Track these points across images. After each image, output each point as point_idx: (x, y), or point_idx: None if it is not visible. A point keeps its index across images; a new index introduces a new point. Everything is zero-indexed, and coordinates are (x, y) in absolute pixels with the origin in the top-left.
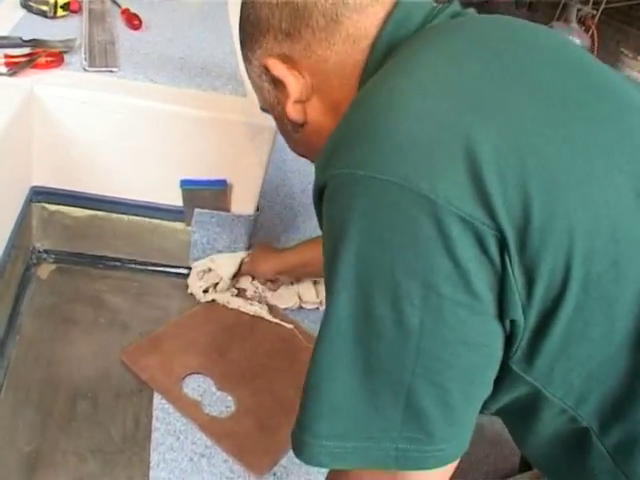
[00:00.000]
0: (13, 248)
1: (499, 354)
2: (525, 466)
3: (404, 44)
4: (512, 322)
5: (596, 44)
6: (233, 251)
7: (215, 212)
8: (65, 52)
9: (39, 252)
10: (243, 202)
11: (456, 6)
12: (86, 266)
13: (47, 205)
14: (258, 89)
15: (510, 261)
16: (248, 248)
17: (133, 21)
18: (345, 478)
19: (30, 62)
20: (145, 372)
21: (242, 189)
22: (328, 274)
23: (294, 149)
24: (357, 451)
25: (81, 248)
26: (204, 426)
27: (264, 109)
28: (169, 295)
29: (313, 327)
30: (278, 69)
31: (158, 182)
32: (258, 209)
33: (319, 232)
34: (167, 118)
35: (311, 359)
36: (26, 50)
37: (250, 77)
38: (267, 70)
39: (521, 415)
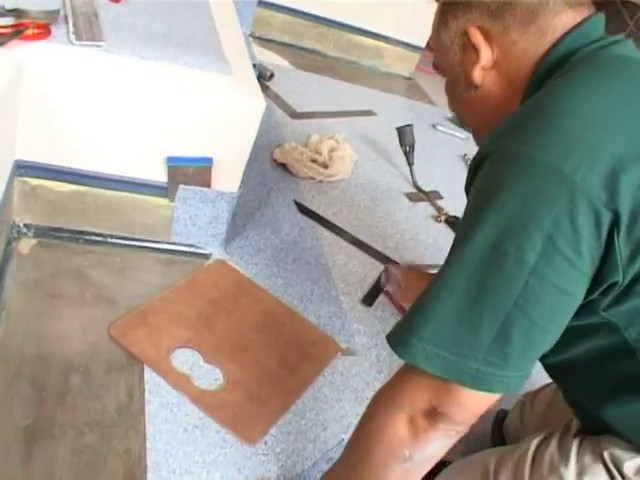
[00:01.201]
0: None
1: (577, 305)
2: (498, 430)
3: (582, 53)
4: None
5: None
6: (214, 227)
7: (199, 188)
8: (50, 24)
9: (19, 227)
10: (227, 180)
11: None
12: (67, 241)
13: (29, 179)
14: (443, 48)
15: (618, 237)
16: (230, 224)
17: None
18: (407, 382)
19: (18, 33)
20: (134, 346)
21: (226, 167)
22: (471, 215)
23: (454, 107)
24: (445, 361)
25: (62, 223)
26: (196, 398)
27: (436, 66)
28: (152, 270)
29: (292, 302)
30: (477, 38)
31: (142, 158)
32: (240, 187)
33: (290, 209)
34: (155, 95)
35: (438, 274)
36: (9, 20)
37: (438, 37)
38: (465, 36)
39: (591, 358)
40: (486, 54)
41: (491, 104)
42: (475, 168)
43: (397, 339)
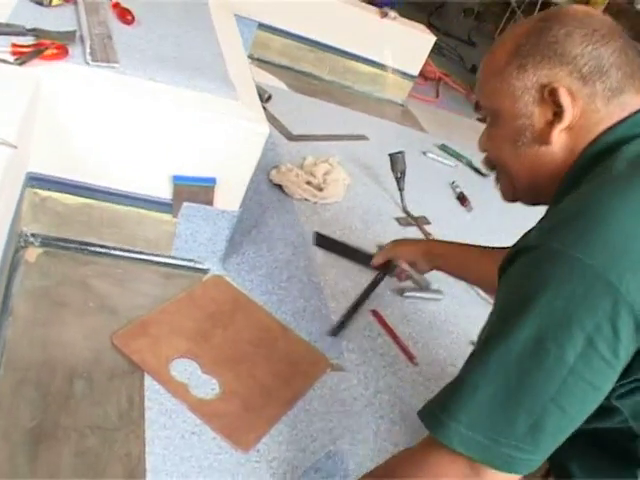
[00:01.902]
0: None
1: (604, 397)
2: None
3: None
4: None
5: None
6: (214, 244)
7: (202, 206)
8: (67, 44)
9: (26, 236)
10: (229, 199)
11: None
12: (72, 251)
13: (40, 191)
14: (508, 92)
15: None
16: (229, 242)
17: (126, 16)
18: (442, 462)
19: (38, 53)
20: (136, 354)
21: (229, 187)
22: (513, 306)
23: (499, 154)
24: (479, 445)
25: (68, 234)
26: (193, 406)
27: (480, 107)
28: (153, 282)
29: (285, 318)
30: (566, 100)
31: (149, 175)
32: (241, 206)
33: (285, 228)
34: (165, 117)
35: (475, 358)
36: (30, 39)
37: (503, 78)
38: (547, 91)
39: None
40: (570, 118)
41: (551, 163)
42: (516, 254)
43: (433, 420)
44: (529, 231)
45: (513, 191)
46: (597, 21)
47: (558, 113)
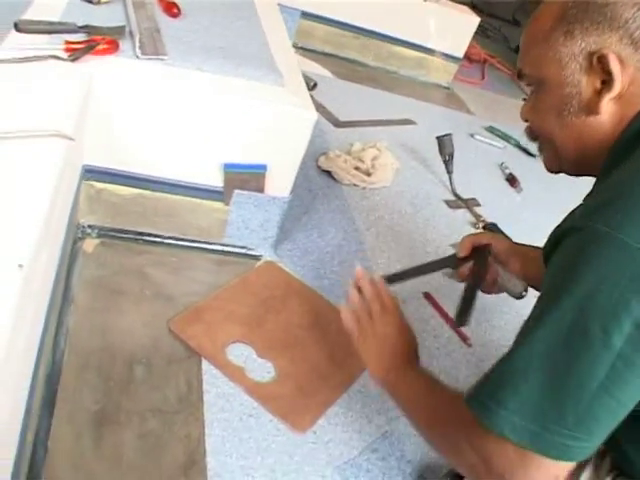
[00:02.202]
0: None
1: None
2: None
3: None
4: None
5: None
6: (266, 230)
7: (253, 193)
8: (118, 39)
9: (84, 227)
10: (279, 185)
11: None
12: (128, 241)
13: (95, 183)
14: (554, 60)
15: None
16: (280, 228)
17: (172, 9)
18: (488, 443)
19: (90, 49)
20: (192, 340)
21: (279, 174)
22: (557, 288)
23: (543, 124)
24: (531, 433)
25: (123, 224)
26: (250, 389)
27: (522, 74)
28: (206, 269)
29: (338, 302)
30: (616, 67)
31: (200, 164)
32: (291, 192)
33: (335, 213)
34: (214, 105)
35: (520, 343)
36: (81, 36)
37: (548, 45)
38: (596, 58)
39: None
40: (620, 86)
41: (599, 134)
42: (561, 236)
43: (481, 407)
44: (575, 209)
45: (558, 162)
46: None
47: (607, 81)
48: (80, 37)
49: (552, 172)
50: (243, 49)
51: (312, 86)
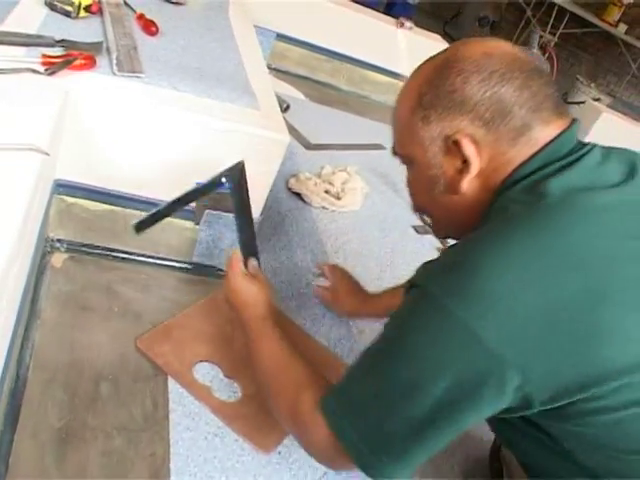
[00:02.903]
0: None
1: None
2: (495, 454)
3: (542, 176)
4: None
5: (555, 69)
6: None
7: (224, 213)
8: (95, 55)
9: (52, 241)
10: None
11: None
12: (97, 257)
13: (66, 197)
14: (417, 142)
15: (520, 389)
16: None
17: (150, 27)
18: (310, 416)
19: (67, 63)
20: (160, 358)
21: (250, 195)
22: (391, 339)
23: (421, 202)
24: (359, 451)
25: (93, 239)
26: (216, 409)
27: (397, 153)
28: (175, 288)
29: (305, 324)
30: (469, 150)
31: (172, 183)
32: (262, 214)
33: (304, 236)
34: (189, 126)
35: (359, 369)
36: (59, 50)
37: (411, 127)
38: (452, 142)
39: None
40: (476, 167)
41: (466, 208)
42: (408, 287)
43: (326, 405)
44: (428, 262)
45: (442, 231)
46: (495, 60)
47: (466, 163)
48: (57, 51)
49: (441, 238)
50: (219, 70)
51: (285, 108)
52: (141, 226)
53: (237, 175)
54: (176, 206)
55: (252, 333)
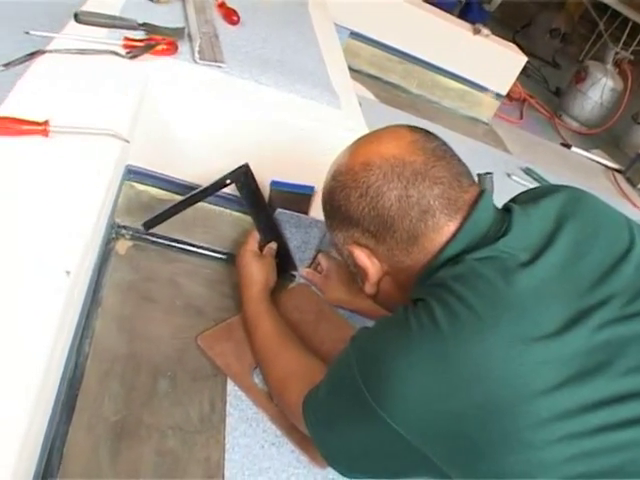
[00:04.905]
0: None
1: None
2: None
3: (455, 271)
4: None
5: (628, 88)
6: (303, 252)
7: (295, 214)
8: (177, 41)
9: (118, 227)
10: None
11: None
12: (161, 247)
13: (136, 184)
14: (338, 250)
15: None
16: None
17: (232, 16)
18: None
19: (149, 48)
20: (220, 358)
21: None
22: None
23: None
24: (321, 435)
25: (159, 229)
26: (275, 417)
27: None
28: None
29: None
30: (362, 260)
31: None
32: None
33: None
34: (268, 120)
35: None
36: (141, 34)
37: (332, 234)
38: (350, 252)
39: None
40: (374, 274)
41: (395, 297)
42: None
43: (309, 415)
44: (365, 329)
45: (389, 310)
46: (373, 171)
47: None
48: (139, 35)
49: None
50: (300, 65)
51: None
52: (149, 224)
53: (242, 177)
54: (183, 206)
55: (246, 313)
